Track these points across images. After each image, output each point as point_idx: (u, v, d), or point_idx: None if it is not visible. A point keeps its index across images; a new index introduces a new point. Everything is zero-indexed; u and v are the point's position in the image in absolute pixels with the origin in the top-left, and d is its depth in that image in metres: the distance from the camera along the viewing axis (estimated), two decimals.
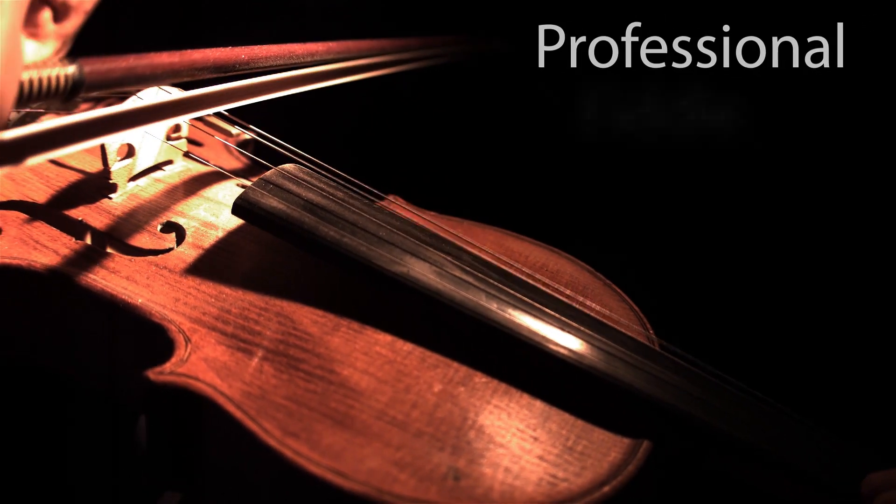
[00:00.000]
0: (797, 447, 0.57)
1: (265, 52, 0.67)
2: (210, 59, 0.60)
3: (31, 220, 0.69)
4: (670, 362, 0.61)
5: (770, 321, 0.91)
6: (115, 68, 0.50)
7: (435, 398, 0.56)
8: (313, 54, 0.72)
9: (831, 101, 0.90)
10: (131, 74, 0.52)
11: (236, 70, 0.63)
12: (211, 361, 0.57)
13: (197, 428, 0.56)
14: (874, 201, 0.90)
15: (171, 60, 0.56)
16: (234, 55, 0.63)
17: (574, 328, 0.61)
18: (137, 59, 0.52)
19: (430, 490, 0.49)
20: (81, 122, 0.48)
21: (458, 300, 0.60)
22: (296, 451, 0.50)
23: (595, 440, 0.56)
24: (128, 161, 0.73)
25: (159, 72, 0.55)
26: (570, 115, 1.02)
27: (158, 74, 0.55)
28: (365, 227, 0.64)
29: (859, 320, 0.88)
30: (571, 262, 0.75)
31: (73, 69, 0.47)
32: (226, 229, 0.70)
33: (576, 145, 1.02)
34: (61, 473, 0.75)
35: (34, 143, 0.44)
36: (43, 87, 0.45)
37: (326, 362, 0.57)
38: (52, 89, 0.46)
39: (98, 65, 0.49)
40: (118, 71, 0.51)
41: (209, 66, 0.60)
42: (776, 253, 0.93)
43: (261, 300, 0.62)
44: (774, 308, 0.91)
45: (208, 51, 0.60)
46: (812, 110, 0.92)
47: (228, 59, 0.62)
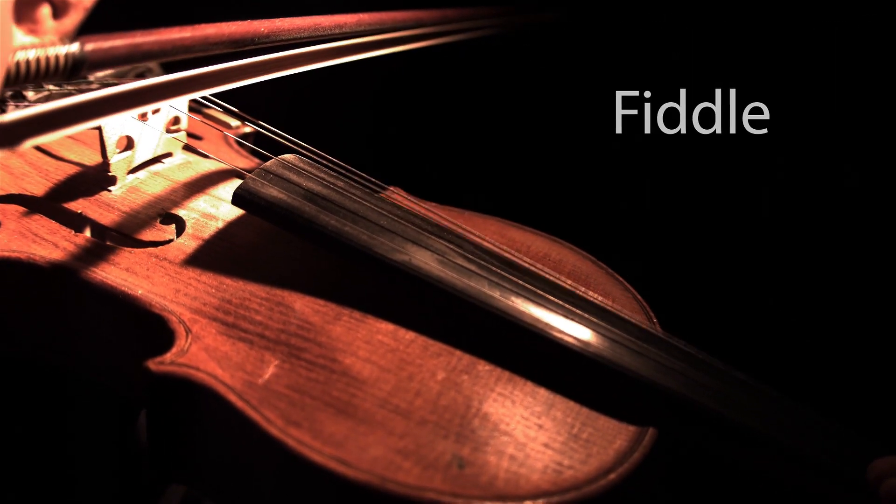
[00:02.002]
0: (802, 434, 0.57)
1: (288, 25, 0.61)
2: (225, 34, 0.55)
3: (30, 214, 0.68)
4: (675, 349, 0.61)
5: (773, 311, 0.90)
6: (119, 45, 0.47)
7: (438, 386, 0.55)
8: (342, 27, 0.66)
9: (831, 101, 0.89)
10: (137, 51, 0.48)
11: (255, 45, 0.58)
12: (212, 351, 0.56)
13: (198, 418, 0.55)
14: (879, 193, 0.90)
15: (182, 35, 0.51)
16: (252, 28, 0.58)
17: (578, 315, 0.61)
18: (144, 35, 0.48)
19: (435, 478, 0.49)
20: (80, 103, 0.46)
21: (461, 288, 0.60)
22: (298, 440, 0.50)
23: (600, 427, 0.55)
24: (127, 153, 0.72)
25: (168, 48, 0.50)
26: (573, 111, 1.02)
27: (167, 51, 0.50)
28: (366, 215, 0.64)
29: (863, 311, 0.87)
30: (574, 251, 0.75)
31: (74, 47, 0.45)
32: (226, 220, 0.69)
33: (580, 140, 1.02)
34: (64, 467, 0.74)
35: (32, 126, 0.43)
36: (41, 66, 0.43)
37: (328, 351, 0.57)
38: (52, 69, 0.44)
39: (100, 42, 0.46)
40: (122, 48, 0.47)
41: (224, 40, 0.55)
42: (780, 242, 0.93)
43: (262, 290, 0.62)
44: (778, 298, 0.91)
45: (223, 25, 0.55)
46: (811, 109, 0.91)
47: (246, 33, 0.57)
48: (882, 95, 0.88)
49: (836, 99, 0.90)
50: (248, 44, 0.57)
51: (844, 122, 0.90)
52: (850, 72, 0.89)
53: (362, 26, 0.68)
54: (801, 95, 0.90)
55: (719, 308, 0.90)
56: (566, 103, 1.03)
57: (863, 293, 0.88)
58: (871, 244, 0.88)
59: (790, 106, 0.90)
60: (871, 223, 0.89)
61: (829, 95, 0.90)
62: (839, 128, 0.91)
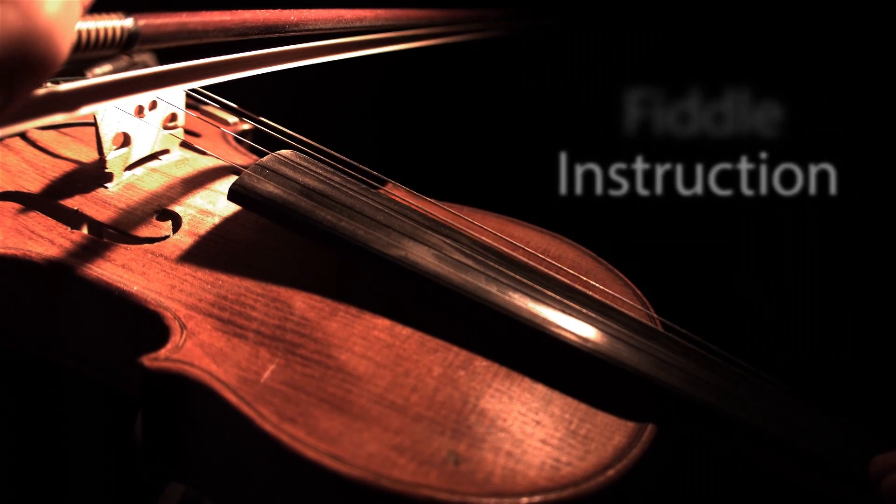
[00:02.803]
0: (804, 429, 0.56)
1: (314, 16, 0.67)
2: (260, 19, 0.61)
3: (27, 211, 0.68)
4: (675, 344, 0.60)
5: (774, 307, 0.89)
6: (168, 23, 0.52)
7: (435, 382, 0.55)
8: (361, 20, 0.72)
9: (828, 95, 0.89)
10: (183, 29, 0.53)
11: (285, 31, 0.64)
12: (207, 347, 0.56)
13: (193, 415, 0.55)
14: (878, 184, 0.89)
15: (223, 18, 0.57)
16: (283, 17, 0.64)
17: (576, 311, 0.60)
18: (190, 16, 0.54)
19: (430, 474, 0.48)
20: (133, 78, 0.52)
21: (458, 283, 0.59)
22: (292, 436, 0.49)
23: (599, 424, 0.55)
24: (123, 150, 0.72)
25: (210, 28, 0.55)
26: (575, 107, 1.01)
27: (210, 31, 0.56)
28: (362, 210, 0.63)
29: (864, 303, 0.86)
30: (573, 246, 0.74)
31: (129, 22, 0.49)
32: (222, 216, 0.69)
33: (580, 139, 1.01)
34: (62, 465, 0.74)
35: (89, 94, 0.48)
36: (100, 37, 0.47)
37: (324, 347, 0.56)
38: (109, 40, 0.48)
39: (152, 19, 0.51)
40: (171, 25, 0.52)
41: (259, 25, 0.61)
42: (781, 237, 0.92)
43: (257, 286, 0.61)
44: (779, 294, 0.90)
45: (258, 11, 0.61)
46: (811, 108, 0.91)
47: (278, 20, 0.63)
48: (880, 91, 0.88)
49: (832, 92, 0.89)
50: (279, 31, 0.63)
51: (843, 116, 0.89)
52: (849, 71, 0.89)
53: (380, 21, 0.73)
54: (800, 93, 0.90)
55: (720, 304, 0.90)
56: (566, 101, 1.02)
57: (863, 286, 0.87)
58: (872, 237, 0.88)
59: (790, 104, 0.90)
60: (872, 219, 0.89)
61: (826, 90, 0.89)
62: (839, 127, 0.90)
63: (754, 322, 0.88)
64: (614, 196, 0.93)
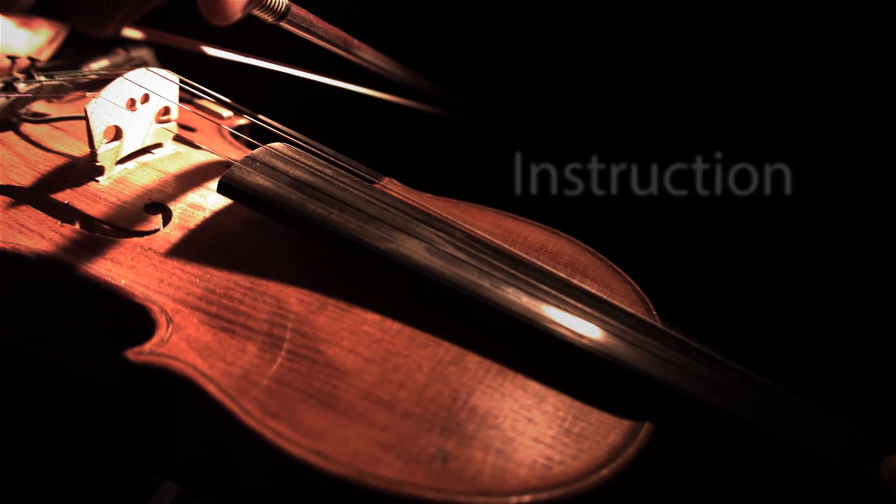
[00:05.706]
0: (805, 428, 0.54)
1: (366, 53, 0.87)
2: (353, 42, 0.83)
3: (17, 205, 0.67)
4: (673, 340, 0.58)
5: (775, 303, 0.87)
6: (306, 16, 0.72)
7: (424, 378, 0.53)
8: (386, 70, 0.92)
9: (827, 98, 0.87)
10: (311, 26, 0.74)
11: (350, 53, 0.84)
12: (193, 341, 0.55)
13: (178, 409, 0.54)
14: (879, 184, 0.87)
15: (336, 32, 0.79)
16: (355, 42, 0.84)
17: (571, 306, 0.58)
18: (318, 20, 0.75)
19: (417, 472, 0.47)
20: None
21: (449, 277, 0.58)
22: (276, 432, 0.48)
23: (594, 422, 0.53)
24: (115, 144, 0.71)
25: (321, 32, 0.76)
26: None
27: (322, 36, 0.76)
28: (353, 203, 0.62)
29: (866, 303, 0.84)
30: (571, 242, 0.73)
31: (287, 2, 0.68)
32: (213, 210, 0.68)
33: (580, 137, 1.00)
34: (52, 462, 0.73)
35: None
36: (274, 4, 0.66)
37: (311, 342, 0.55)
38: (277, 6, 0.66)
39: (298, 10, 0.70)
40: (307, 19, 0.73)
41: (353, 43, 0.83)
42: (781, 233, 0.90)
43: (246, 280, 0.60)
44: (779, 290, 0.88)
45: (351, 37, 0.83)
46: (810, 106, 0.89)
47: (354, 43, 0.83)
48: (834, 91, 0.86)
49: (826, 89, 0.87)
50: (352, 50, 0.83)
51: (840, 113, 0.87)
52: (803, 71, 0.88)
53: (373, 65, 0.91)
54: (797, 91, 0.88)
55: (720, 300, 0.88)
56: (567, 100, 1.01)
57: (866, 285, 0.85)
58: (874, 233, 0.86)
59: (789, 101, 0.88)
60: (872, 215, 0.87)
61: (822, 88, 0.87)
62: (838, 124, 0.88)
63: (755, 319, 0.86)
64: (570, 196, 0.92)
